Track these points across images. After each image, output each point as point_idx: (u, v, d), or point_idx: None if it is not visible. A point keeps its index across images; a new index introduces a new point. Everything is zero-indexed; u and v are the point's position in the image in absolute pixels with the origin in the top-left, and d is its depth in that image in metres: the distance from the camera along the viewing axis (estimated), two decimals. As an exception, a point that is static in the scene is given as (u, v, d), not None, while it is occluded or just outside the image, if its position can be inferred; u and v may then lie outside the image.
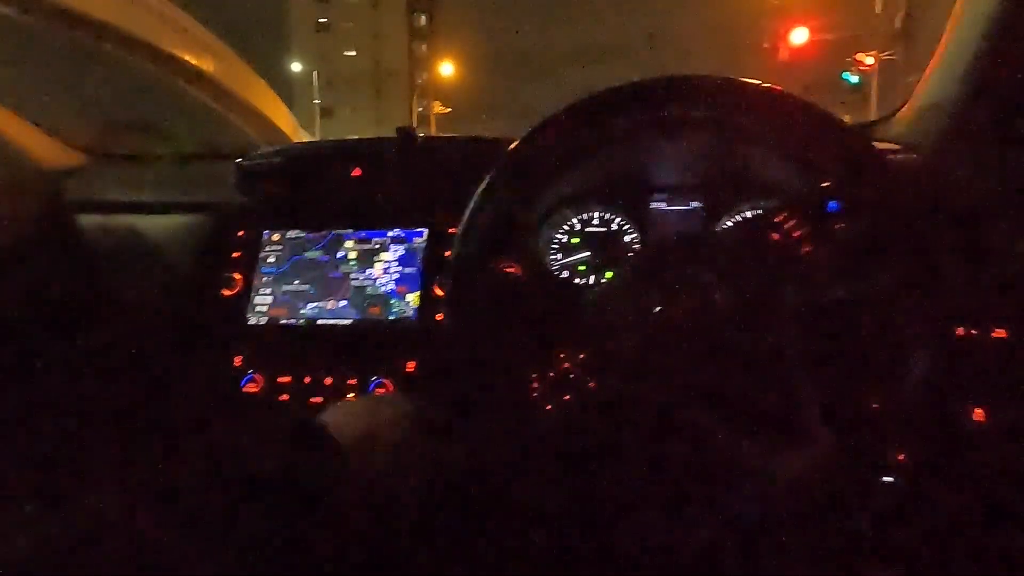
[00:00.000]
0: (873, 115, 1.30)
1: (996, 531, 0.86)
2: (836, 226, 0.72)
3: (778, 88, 0.74)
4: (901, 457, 0.86)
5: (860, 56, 12.34)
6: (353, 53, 34.20)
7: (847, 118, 0.87)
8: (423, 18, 35.59)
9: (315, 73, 30.68)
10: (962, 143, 0.94)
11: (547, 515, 0.78)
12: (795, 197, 0.77)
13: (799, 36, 12.59)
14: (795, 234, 0.73)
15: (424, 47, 35.40)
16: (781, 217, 0.73)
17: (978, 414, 0.86)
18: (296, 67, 32.63)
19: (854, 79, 12.38)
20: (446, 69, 30.02)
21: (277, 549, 0.54)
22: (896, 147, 1.01)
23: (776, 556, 0.79)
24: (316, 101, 29.61)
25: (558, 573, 0.82)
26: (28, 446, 1.07)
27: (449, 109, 26.42)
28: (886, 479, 0.89)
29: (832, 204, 0.72)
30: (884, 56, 12.34)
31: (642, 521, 0.73)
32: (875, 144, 0.74)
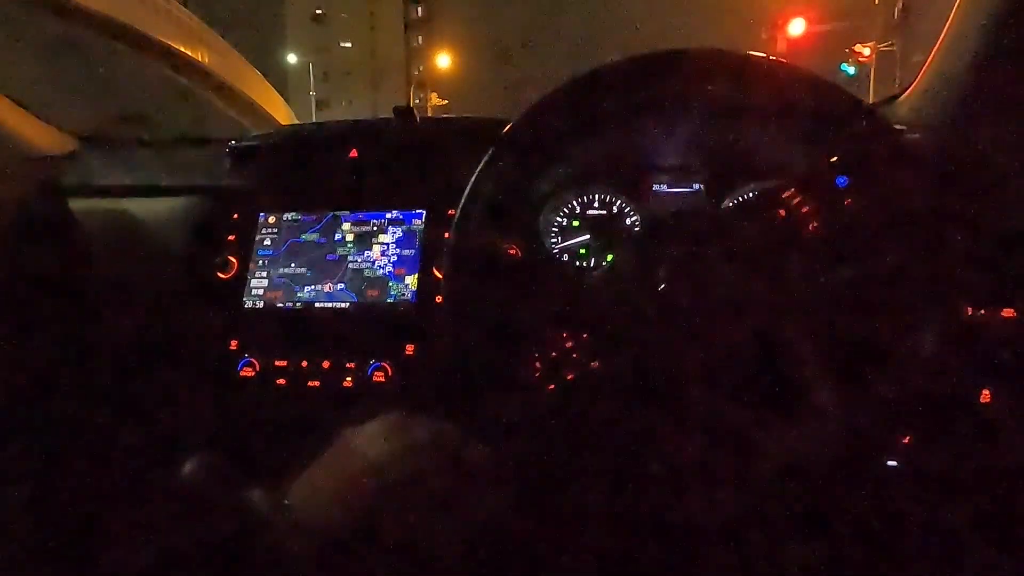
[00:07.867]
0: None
1: (1002, 513, 0.85)
2: (845, 202, 0.71)
3: (783, 60, 0.72)
4: (906, 440, 0.85)
5: (858, 47, 12.30)
6: (349, 45, 34.04)
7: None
8: (419, 9, 35.43)
9: (311, 65, 30.56)
10: (971, 121, 0.93)
11: (552, 495, 0.77)
12: (803, 173, 0.76)
13: (796, 27, 12.51)
14: (803, 210, 0.72)
15: (420, 38, 35.25)
16: (789, 193, 0.72)
17: (985, 396, 0.85)
18: (292, 59, 32.50)
19: (852, 70, 12.34)
20: (443, 61, 29.87)
21: None
22: (902, 127, 1.00)
23: (777, 535, 0.78)
24: (312, 93, 29.51)
25: (555, 551, 0.81)
26: (22, 428, 1.06)
27: (446, 101, 26.30)
28: (891, 462, 0.88)
29: (841, 179, 0.71)
30: (882, 47, 12.31)
31: (645, 500, 0.72)
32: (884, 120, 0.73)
